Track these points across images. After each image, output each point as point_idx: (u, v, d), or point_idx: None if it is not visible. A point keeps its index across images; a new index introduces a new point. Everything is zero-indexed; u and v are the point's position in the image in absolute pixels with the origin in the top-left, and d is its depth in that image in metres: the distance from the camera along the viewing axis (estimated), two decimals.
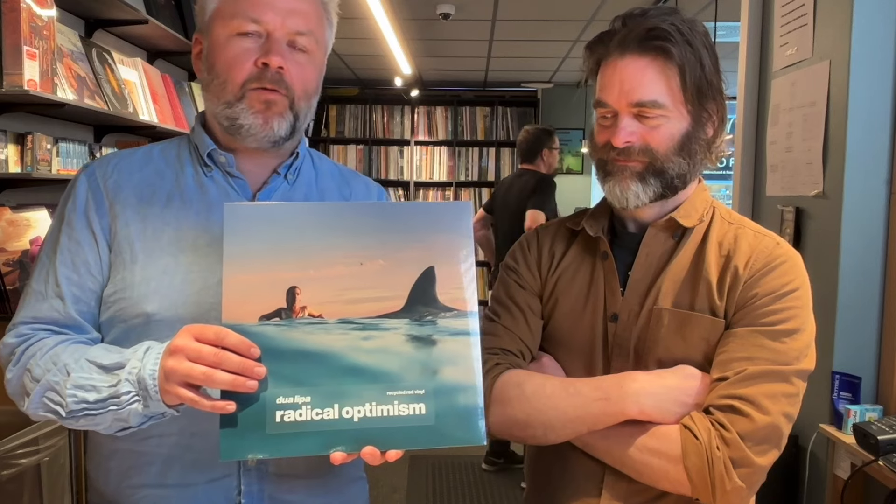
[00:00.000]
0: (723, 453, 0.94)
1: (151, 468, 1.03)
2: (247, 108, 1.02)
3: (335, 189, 1.18)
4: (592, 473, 1.06)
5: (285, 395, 0.85)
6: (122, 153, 1.12)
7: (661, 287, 1.05)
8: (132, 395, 0.90)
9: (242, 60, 1.02)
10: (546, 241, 1.18)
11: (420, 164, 7.31)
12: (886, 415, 2.08)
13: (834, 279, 2.22)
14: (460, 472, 3.85)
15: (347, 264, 0.90)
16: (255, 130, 1.03)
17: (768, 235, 1.06)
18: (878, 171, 2.19)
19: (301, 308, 0.88)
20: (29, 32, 2.04)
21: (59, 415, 0.95)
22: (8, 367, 1.01)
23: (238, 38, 1.02)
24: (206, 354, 0.83)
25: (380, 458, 0.85)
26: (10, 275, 2.11)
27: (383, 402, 0.86)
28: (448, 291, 0.91)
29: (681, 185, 1.06)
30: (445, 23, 4.91)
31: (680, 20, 1.03)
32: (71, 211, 1.05)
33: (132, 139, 3.11)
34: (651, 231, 1.08)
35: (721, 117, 1.08)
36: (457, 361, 0.89)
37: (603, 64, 1.06)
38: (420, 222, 0.92)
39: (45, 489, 1.86)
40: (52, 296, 1.02)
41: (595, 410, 0.99)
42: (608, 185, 1.06)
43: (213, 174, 1.08)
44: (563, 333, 1.12)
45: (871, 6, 2.16)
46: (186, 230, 1.04)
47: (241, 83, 1.02)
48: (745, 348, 0.99)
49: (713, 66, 1.04)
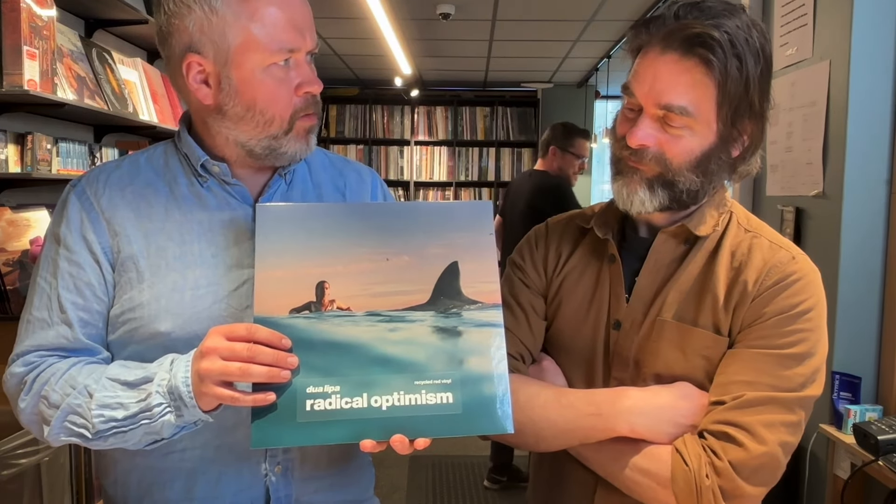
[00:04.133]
0: (712, 482, 0.90)
1: (175, 483, 1.02)
2: (294, 137, 1.02)
3: (329, 181, 1.16)
4: (586, 483, 1.05)
5: (315, 385, 0.87)
6: (107, 166, 1.07)
7: (667, 297, 1.00)
8: (164, 407, 0.90)
9: (284, 94, 0.99)
10: (554, 238, 1.14)
11: (420, 164, 7.31)
12: (886, 415, 2.08)
13: (834, 279, 2.22)
14: (460, 472, 3.85)
15: (374, 260, 0.93)
16: (299, 156, 1.04)
17: (785, 248, 0.99)
18: (878, 171, 2.19)
19: (330, 301, 0.91)
20: (29, 32, 2.04)
21: (84, 437, 0.93)
22: (20, 398, 0.98)
23: (274, 68, 0.98)
24: (239, 350, 0.85)
25: (408, 446, 0.86)
26: (10, 275, 2.11)
27: (411, 392, 0.88)
28: (472, 285, 0.93)
29: (690, 202, 1.00)
30: (445, 23, 4.91)
31: (737, 25, 0.93)
32: (66, 233, 1.01)
33: (132, 139, 3.11)
34: (661, 237, 1.03)
35: (755, 141, 0.99)
36: (482, 352, 0.91)
37: (643, 52, 0.98)
38: (443, 221, 0.96)
39: (45, 489, 1.86)
40: (58, 322, 0.98)
41: (586, 425, 0.97)
42: (616, 184, 1.01)
43: (209, 184, 1.05)
44: (564, 338, 1.09)
45: (871, 6, 2.16)
46: (191, 244, 1.02)
47: (289, 117, 1.00)
48: (746, 371, 0.93)
49: (761, 85, 0.95)
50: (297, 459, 1.05)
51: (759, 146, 1.01)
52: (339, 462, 1.10)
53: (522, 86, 7.43)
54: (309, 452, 1.06)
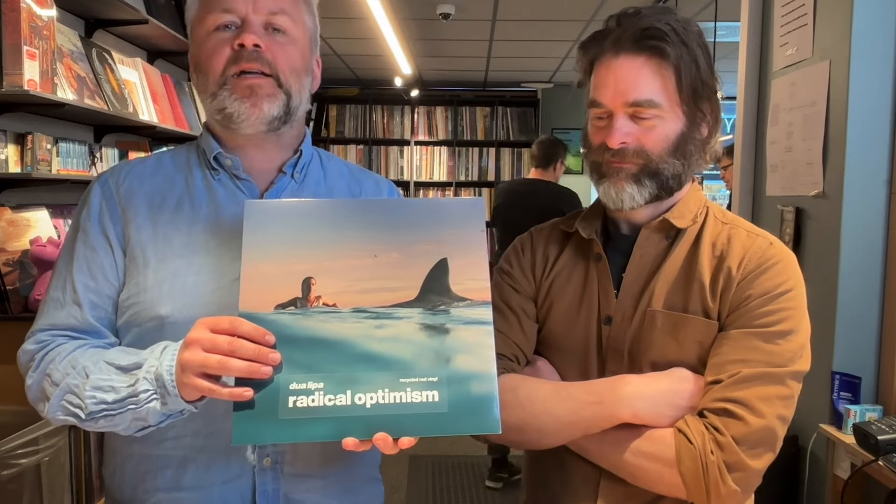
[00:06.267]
0: (717, 457, 0.93)
1: (167, 471, 1.04)
2: (229, 94, 1.03)
3: (345, 187, 1.19)
4: (589, 477, 1.06)
5: (298, 381, 0.86)
6: (135, 161, 1.14)
7: (655, 289, 1.05)
8: (150, 394, 0.91)
9: (220, 49, 1.03)
10: (540, 243, 1.17)
11: (420, 164, 7.31)
12: (886, 415, 2.08)
13: (834, 279, 2.22)
14: (460, 472, 3.85)
15: (361, 256, 0.92)
16: (245, 115, 1.03)
17: (762, 235, 1.06)
18: (878, 171, 2.19)
19: (316, 297, 0.90)
20: (29, 32, 2.04)
21: (78, 417, 0.96)
22: (28, 374, 1.03)
23: (215, 32, 1.04)
24: (220, 343, 0.85)
25: (392, 445, 0.85)
26: (10, 275, 2.11)
27: (396, 389, 0.86)
28: (461, 282, 0.92)
29: (676, 186, 1.06)
30: (445, 23, 4.91)
31: (675, 20, 1.02)
32: (86, 219, 1.07)
33: (132, 139, 3.11)
34: (644, 232, 1.07)
35: (715, 117, 1.07)
36: (470, 350, 0.89)
37: (597, 63, 1.05)
38: (433, 218, 0.94)
39: (45, 489, 1.86)
40: (70, 303, 1.04)
41: (588, 414, 0.99)
42: (603, 186, 1.05)
43: (221, 177, 1.10)
44: (557, 337, 1.12)
45: (871, 6, 2.16)
46: (197, 233, 1.05)
47: (220, 69, 1.03)
48: (738, 351, 0.98)
49: (708, 66, 1.03)
50: (287, 454, 1.05)
51: (720, 125, 1.09)
52: (334, 465, 1.09)
53: (522, 86, 7.43)
54: (301, 449, 1.06)
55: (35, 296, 2.12)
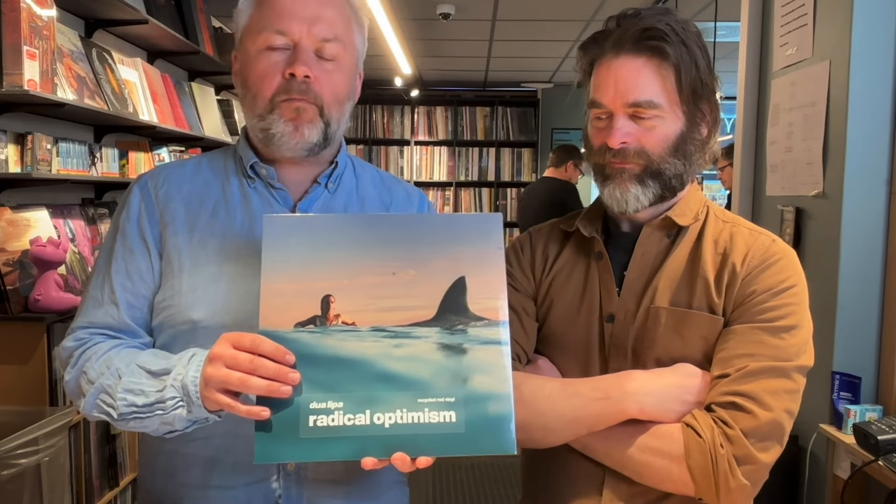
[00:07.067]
0: (726, 451, 0.93)
1: (195, 469, 1.06)
2: (278, 117, 1.05)
3: (376, 197, 1.20)
4: (592, 476, 1.05)
5: (318, 401, 0.86)
6: (174, 164, 1.17)
7: (658, 286, 1.05)
8: (177, 401, 0.93)
9: (271, 74, 1.04)
10: (539, 242, 1.18)
11: (420, 164, 7.31)
12: (886, 415, 2.08)
13: (834, 279, 2.22)
14: (460, 472, 3.85)
15: (380, 274, 0.91)
16: (287, 138, 1.05)
17: (763, 233, 1.06)
18: (878, 171, 2.19)
19: (335, 316, 0.90)
20: (29, 32, 2.04)
21: (110, 416, 0.99)
22: (66, 370, 1.06)
23: (266, 52, 1.04)
24: (242, 361, 0.86)
25: (410, 464, 0.85)
26: (10, 275, 2.11)
27: (414, 409, 0.87)
28: (479, 301, 0.91)
29: (679, 186, 1.06)
30: (445, 23, 4.92)
31: (674, 20, 1.03)
32: (125, 221, 1.10)
33: (132, 139, 3.11)
34: (646, 230, 1.08)
35: (715, 118, 1.07)
36: (487, 370, 0.89)
37: (597, 64, 1.05)
38: (451, 234, 0.94)
39: (45, 489, 1.86)
40: (108, 302, 1.07)
41: (595, 410, 0.99)
42: (608, 188, 1.05)
43: (256, 185, 1.12)
44: (558, 335, 1.11)
45: (871, 6, 2.16)
46: (231, 240, 1.08)
47: (270, 96, 1.04)
48: (745, 345, 0.98)
49: (707, 66, 1.04)
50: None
51: (719, 125, 1.10)
52: (357, 472, 1.09)
53: (522, 86, 7.43)
54: None
55: (35, 296, 2.12)
